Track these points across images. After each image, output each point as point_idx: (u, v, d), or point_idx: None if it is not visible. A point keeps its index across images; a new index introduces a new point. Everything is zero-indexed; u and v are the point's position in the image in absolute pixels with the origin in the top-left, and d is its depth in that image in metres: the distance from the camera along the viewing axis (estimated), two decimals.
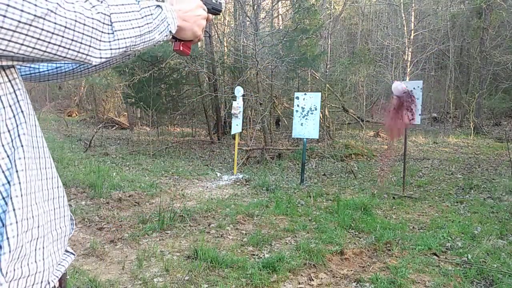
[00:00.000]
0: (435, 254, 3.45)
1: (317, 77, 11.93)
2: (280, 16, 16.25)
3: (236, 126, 7.36)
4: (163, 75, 11.20)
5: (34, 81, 1.02)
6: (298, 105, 6.63)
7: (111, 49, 0.72)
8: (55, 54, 0.66)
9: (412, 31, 13.27)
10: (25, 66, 0.97)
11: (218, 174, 7.28)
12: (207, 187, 6.22)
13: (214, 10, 1.03)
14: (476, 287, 2.90)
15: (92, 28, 0.68)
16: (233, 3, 14.43)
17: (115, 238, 3.68)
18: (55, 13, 0.62)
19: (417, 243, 3.65)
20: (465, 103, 14.90)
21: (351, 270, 3.13)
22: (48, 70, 1.00)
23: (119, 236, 3.75)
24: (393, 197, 5.55)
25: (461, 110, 16.61)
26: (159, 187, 5.85)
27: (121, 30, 0.73)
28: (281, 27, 12.93)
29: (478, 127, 14.14)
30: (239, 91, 7.36)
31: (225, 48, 13.96)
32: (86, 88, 19.37)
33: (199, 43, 13.05)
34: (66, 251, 0.87)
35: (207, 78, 12.43)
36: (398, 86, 5.58)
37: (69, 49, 0.67)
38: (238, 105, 7.25)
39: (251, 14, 10.65)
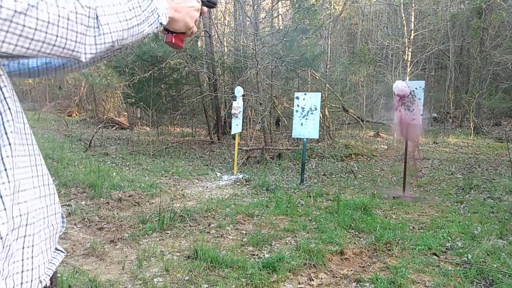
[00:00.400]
0: (435, 254, 3.45)
1: (317, 77, 11.93)
2: (280, 16, 16.25)
3: (236, 126, 7.36)
4: (163, 75, 11.19)
5: (23, 77, 1.00)
6: (298, 105, 6.63)
7: (96, 44, 0.70)
8: (39, 51, 0.64)
9: (412, 31, 13.26)
10: (13, 62, 0.94)
11: (218, 174, 7.28)
12: (207, 187, 6.22)
13: (209, 3, 0.99)
14: (476, 287, 2.90)
15: (77, 22, 0.65)
16: (233, 3, 14.44)
17: (115, 238, 3.67)
18: (36, 8, 0.59)
19: (417, 243, 3.65)
20: (465, 103, 14.90)
21: (351, 270, 3.13)
22: (37, 66, 0.97)
23: (119, 236, 3.75)
24: (393, 197, 5.56)
25: (461, 110, 16.61)
26: (159, 187, 5.85)
27: (107, 23, 0.70)
28: (281, 27, 12.92)
29: (478, 127, 14.14)
30: (239, 91, 7.36)
31: (225, 48, 13.96)
32: (86, 88, 19.36)
33: (199, 43, 13.07)
34: (56, 249, 0.86)
35: (207, 78, 12.43)
36: (399, 85, 5.58)
37: (54, 45, 0.64)
38: (238, 105, 7.25)
39: (251, 14, 10.66)
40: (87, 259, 3.24)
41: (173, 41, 0.92)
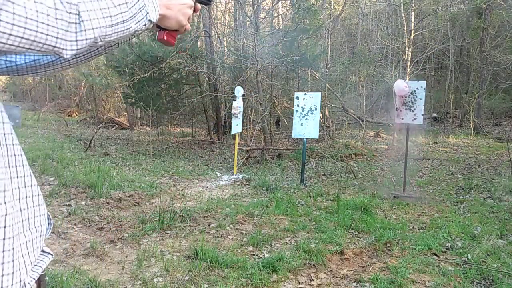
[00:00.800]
0: (435, 254, 3.45)
1: (317, 77, 11.93)
2: (280, 16, 16.25)
3: (236, 126, 7.36)
4: (163, 75, 11.19)
5: (11, 75, 0.98)
6: (298, 105, 6.63)
7: (76, 40, 0.68)
8: (17, 46, 0.62)
9: (412, 31, 13.26)
10: (0, 59, 0.93)
11: (218, 174, 7.28)
12: (207, 187, 6.22)
13: (203, 0, 0.99)
14: (476, 287, 2.90)
15: (57, 18, 0.64)
16: (233, 3, 14.44)
17: (115, 238, 3.67)
18: (12, 3, 0.59)
19: (417, 243, 3.65)
20: (465, 103, 14.90)
21: (351, 270, 3.13)
22: (25, 63, 0.95)
23: (119, 236, 3.75)
24: (393, 197, 5.56)
25: (461, 110, 16.60)
26: (159, 187, 5.85)
27: (90, 19, 0.69)
28: (281, 27, 12.92)
29: (478, 127, 14.14)
30: (239, 91, 7.36)
31: (225, 48, 13.96)
32: (86, 88, 19.36)
33: (199, 43, 13.07)
34: (43, 251, 0.83)
35: (207, 78, 12.43)
36: (400, 85, 5.58)
37: (33, 41, 0.63)
38: (238, 105, 7.25)
39: (251, 14, 10.66)
40: (87, 259, 3.24)
41: (165, 38, 0.91)
